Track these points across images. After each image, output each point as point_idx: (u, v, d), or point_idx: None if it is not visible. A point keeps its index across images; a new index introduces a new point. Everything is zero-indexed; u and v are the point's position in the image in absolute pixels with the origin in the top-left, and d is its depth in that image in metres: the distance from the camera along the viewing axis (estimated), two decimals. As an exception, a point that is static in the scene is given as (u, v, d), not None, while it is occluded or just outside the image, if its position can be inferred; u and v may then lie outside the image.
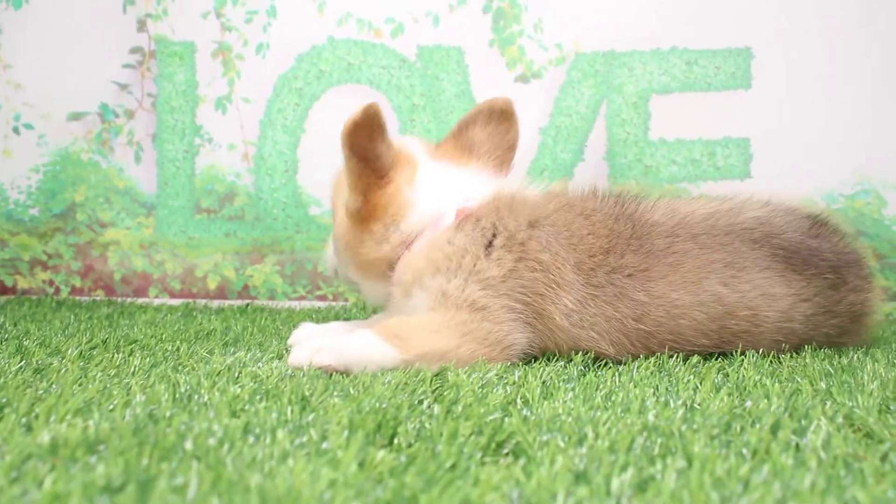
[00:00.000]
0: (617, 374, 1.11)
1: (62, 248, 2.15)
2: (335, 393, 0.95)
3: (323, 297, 2.11)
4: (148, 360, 1.19)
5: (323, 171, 2.09)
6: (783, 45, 2.02)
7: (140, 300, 2.10)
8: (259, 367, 1.14)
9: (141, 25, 2.13)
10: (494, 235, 1.25)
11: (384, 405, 0.85)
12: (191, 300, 2.09)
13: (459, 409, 0.86)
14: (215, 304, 2.05)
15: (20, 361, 1.13)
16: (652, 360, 1.21)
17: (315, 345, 1.15)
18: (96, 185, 2.15)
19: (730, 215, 1.34)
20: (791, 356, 1.28)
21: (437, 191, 1.31)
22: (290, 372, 1.11)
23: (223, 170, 2.12)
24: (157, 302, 2.07)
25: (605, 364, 1.22)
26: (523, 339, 1.23)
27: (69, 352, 1.22)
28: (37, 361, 1.14)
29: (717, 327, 1.27)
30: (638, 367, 1.15)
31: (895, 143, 2.01)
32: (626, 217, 1.32)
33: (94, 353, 1.24)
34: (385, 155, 1.28)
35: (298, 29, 2.10)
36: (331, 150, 2.07)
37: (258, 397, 0.91)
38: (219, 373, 1.08)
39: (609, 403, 0.92)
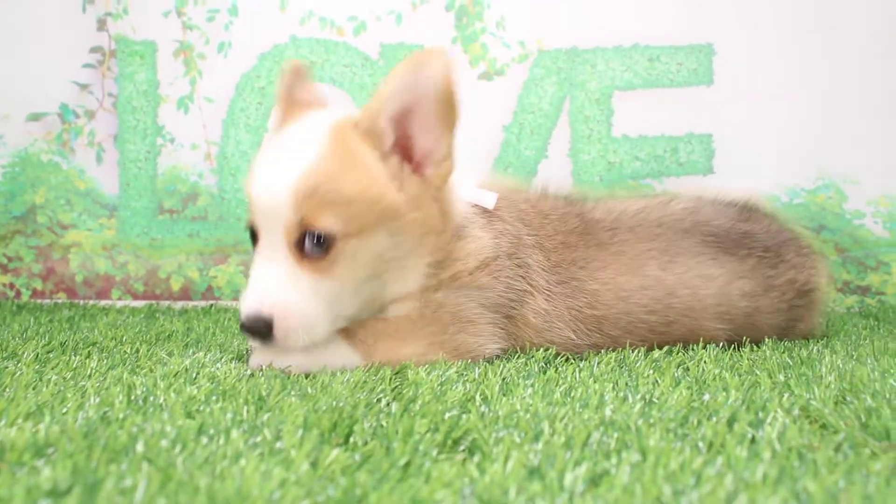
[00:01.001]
0: (578, 369, 1.11)
1: (22, 250, 2.12)
2: (292, 392, 0.94)
3: (288, 297, 2.09)
4: (105, 362, 1.17)
5: (287, 170, 2.08)
6: (744, 42, 2.03)
7: (103, 302, 2.07)
8: (217, 368, 1.13)
9: (101, 24, 2.10)
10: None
11: (341, 404, 0.85)
12: (154, 302, 2.07)
13: (417, 406, 0.85)
14: (179, 305, 2.03)
15: (-26, 366, 1.11)
16: (613, 355, 1.21)
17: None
18: (57, 187, 2.12)
19: (659, 208, 1.41)
20: (752, 349, 1.30)
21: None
22: (248, 372, 1.09)
23: (186, 170, 2.10)
24: (119, 304, 2.05)
25: (567, 360, 1.22)
26: (496, 348, 1.22)
27: (25, 355, 1.20)
28: (-9, 365, 1.12)
29: (662, 307, 1.31)
30: (598, 363, 1.15)
31: (854, 139, 2.03)
32: (574, 215, 1.34)
33: (51, 356, 1.22)
34: None
35: (261, 28, 2.09)
36: (294, 149, 2.09)
37: (214, 398, 0.90)
38: (176, 374, 1.07)
39: (568, 399, 0.92)
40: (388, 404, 0.87)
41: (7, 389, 0.96)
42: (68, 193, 2.12)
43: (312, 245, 1.07)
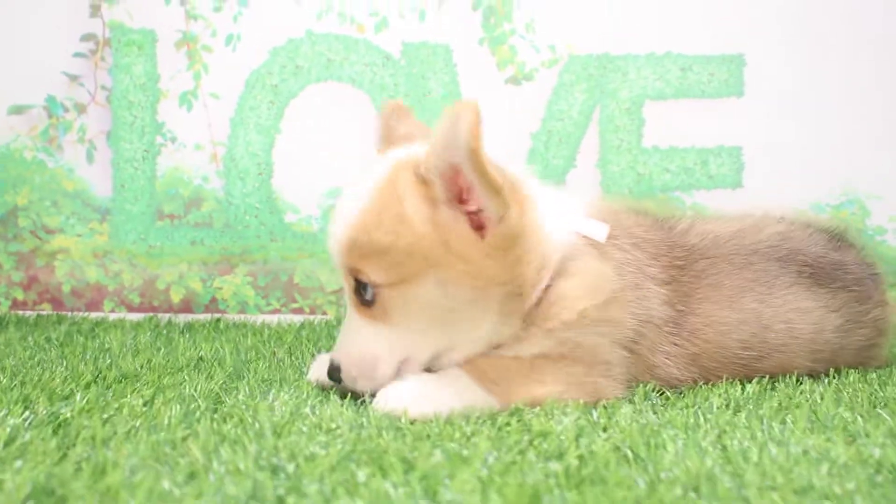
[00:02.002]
0: (715, 412, 1.03)
1: (2, 256, 1.93)
2: (440, 449, 0.83)
3: (299, 311, 1.96)
4: (176, 407, 1.03)
5: (300, 174, 1.95)
6: (774, 53, 1.99)
7: (93, 315, 1.90)
8: (320, 411, 1.01)
9: (94, 10, 1.92)
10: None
11: (525, 478, 0.74)
12: (152, 314, 1.90)
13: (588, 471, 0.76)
14: (180, 318, 1.87)
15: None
16: (729, 394, 1.13)
17: (405, 390, 1.03)
18: (42, 187, 1.93)
19: (753, 233, 1.35)
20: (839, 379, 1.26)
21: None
22: (366, 422, 0.97)
23: (189, 172, 1.94)
24: (113, 316, 1.88)
25: (681, 395, 1.14)
26: (623, 389, 1.14)
27: (62, 397, 1.06)
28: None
29: (759, 341, 1.26)
30: (731, 405, 1.08)
31: (880, 155, 2.01)
32: (677, 245, 1.27)
33: (94, 395, 1.07)
34: None
35: (273, 20, 1.94)
36: (308, 151, 1.96)
37: (361, 457, 0.78)
38: (285, 425, 0.94)
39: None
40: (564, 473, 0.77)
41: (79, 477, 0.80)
42: (55, 195, 1.93)
43: (364, 293, 1.06)
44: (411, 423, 0.98)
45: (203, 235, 1.94)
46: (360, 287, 1.05)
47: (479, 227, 1.03)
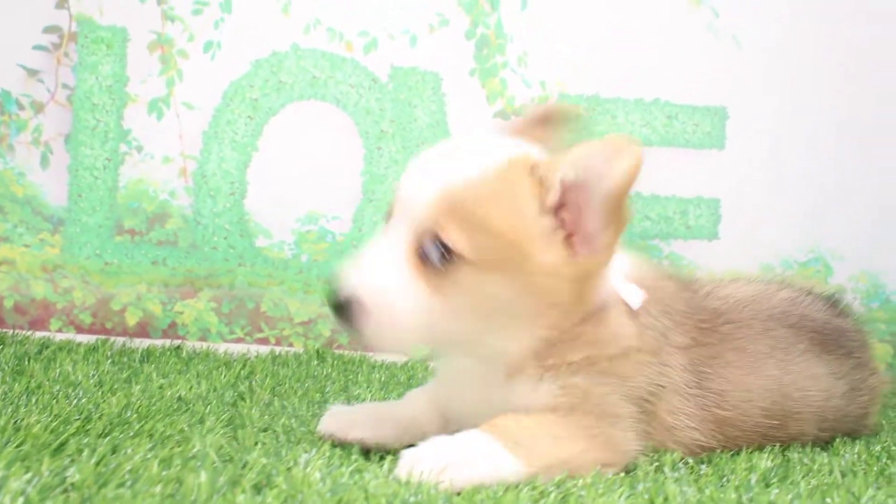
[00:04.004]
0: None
1: (-64, 264, 1.74)
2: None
3: (264, 341, 1.84)
4: (206, 476, 0.92)
5: (275, 197, 1.84)
6: (756, 109, 2.02)
7: (38, 334, 1.73)
8: (364, 481, 0.92)
9: (61, 0, 1.76)
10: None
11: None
12: (105, 337, 1.75)
13: None
14: (136, 343, 1.73)
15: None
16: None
17: (439, 454, 0.95)
18: (-13, 190, 1.76)
19: (767, 298, 1.34)
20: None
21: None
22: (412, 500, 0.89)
23: (154, 185, 1.80)
24: (59, 337, 1.71)
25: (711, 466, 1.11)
26: (639, 447, 1.10)
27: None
28: None
29: (779, 409, 1.24)
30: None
31: (845, 216, 2.06)
32: (701, 308, 1.25)
33: (90, 461, 0.96)
34: None
35: (258, 30, 1.84)
36: (286, 173, 1.85)
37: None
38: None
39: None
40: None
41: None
42: (1, 200, 1.76)
43: (437, 254, 0.98)
44: (457, 494, 0.91)
45: (166, 255, 1.81)
46: (428, 244, 0.98)
47: (570, 247, 1.00)
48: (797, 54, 2.02)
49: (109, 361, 1.55)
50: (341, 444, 1.07)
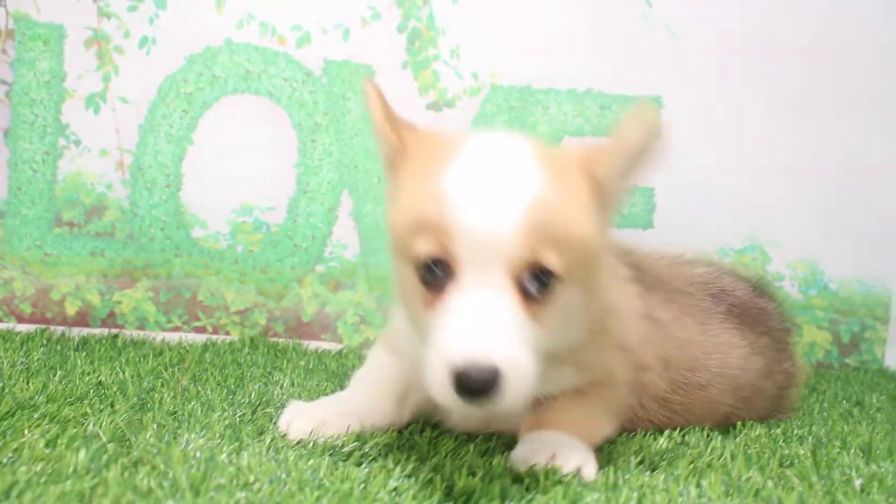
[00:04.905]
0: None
1: None
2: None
3: (202, 329, 1.89)
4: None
5: (210, 188, 1.88)
6: (691, 99, 2.03)
7: (-21, 324, 1.79)
8: (236, 462, 0.96)
9: (-2, -2, 1.81)
10: None
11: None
12: (45, 326, 1.80)
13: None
14: (76, 332, 1.78)
15: None
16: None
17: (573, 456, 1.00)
18: (-74, 184, 1.81)
19: (687, 267, 1.39)
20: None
21: None
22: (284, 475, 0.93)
23: (92, 178, 1.85)
24: (0, 327, 1.77)
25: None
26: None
27: None
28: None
29: (701, 366, 1.27)
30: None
31: (782, 205, 2.08)
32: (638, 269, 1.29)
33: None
34: None
35: (192, 25, 1.87)
36: (220, 165, 1.89)
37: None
38: (201, 483, 0.90)
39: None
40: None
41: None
42: (-60, 193, 1.81)
43: (537, 285, 0.91)
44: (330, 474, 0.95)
45: (104, 246, 1.86)
46: (530, 281, 0.91)
47: None
48: (731, 44, 2.04)
49: (42, 349, 1.60)
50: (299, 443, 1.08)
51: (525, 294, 0.91)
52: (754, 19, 2.05)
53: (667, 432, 1.25)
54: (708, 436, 1.27)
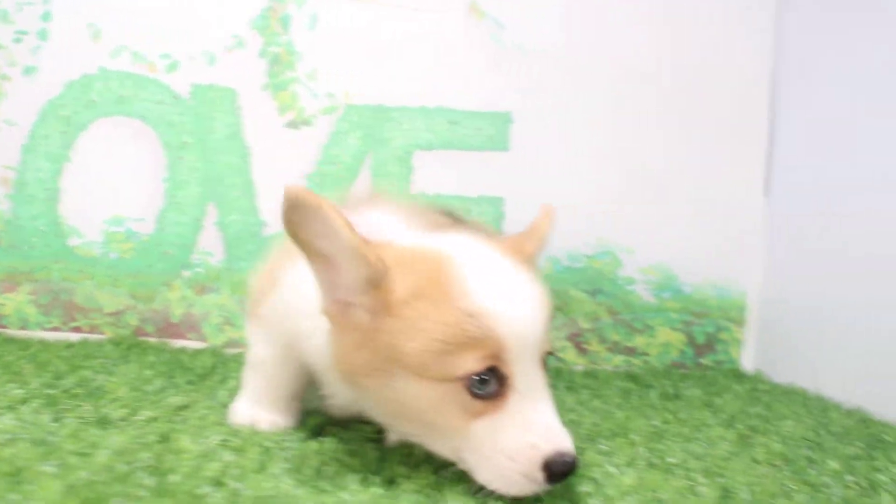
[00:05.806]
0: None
1: None
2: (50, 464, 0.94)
3: (78, 329, 2.09)
4: None
5: (86, 201, 2.08)
6: (540, 114, 2.16)
7: None
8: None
9: None
10: None
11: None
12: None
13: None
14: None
15: None
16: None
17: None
18: None
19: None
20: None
21: None
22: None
23: (-22, 193, 2.06)
24: None
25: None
26: None
27: None
28: None
29: None
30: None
31: (632, 212, 2.19)
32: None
33: None
34: None
35: (70, 55, 2.07)
36: (96, 180, 2.09)
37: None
38: None
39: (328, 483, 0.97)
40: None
41: None
42: None
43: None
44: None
45: (-11, 254, 2.07)
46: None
47: None
48: (579, 60, 2.17)
49: None
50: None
51: None
52: (604, 36, 2.18)
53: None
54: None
